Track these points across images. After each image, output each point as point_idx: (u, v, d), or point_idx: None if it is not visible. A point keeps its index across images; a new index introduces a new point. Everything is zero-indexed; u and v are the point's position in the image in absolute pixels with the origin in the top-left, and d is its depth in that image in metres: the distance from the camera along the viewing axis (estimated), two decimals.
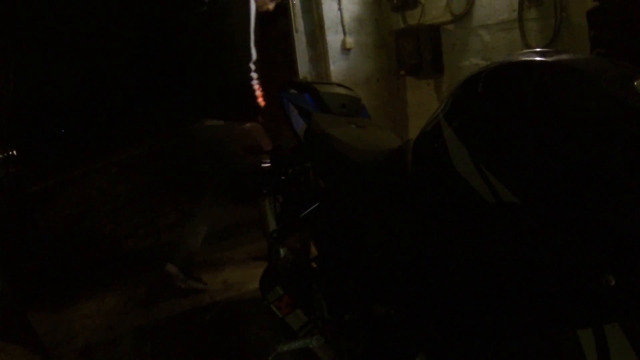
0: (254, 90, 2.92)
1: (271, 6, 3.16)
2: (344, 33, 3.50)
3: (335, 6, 3.52)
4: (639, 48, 2.32)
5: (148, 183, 6.08)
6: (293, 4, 3.64)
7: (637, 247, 0.78)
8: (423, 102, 3.87)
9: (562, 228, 0.84)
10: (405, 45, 3.68)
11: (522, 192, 0.89)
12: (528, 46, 3.35)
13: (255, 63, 2.91)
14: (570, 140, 0.85)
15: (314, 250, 2.02)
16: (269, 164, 2.15)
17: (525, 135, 0.90)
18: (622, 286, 0.78)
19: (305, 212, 1.73)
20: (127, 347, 2.80)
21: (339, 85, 2.02)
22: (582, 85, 0.90)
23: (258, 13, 2.94)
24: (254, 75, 2.91)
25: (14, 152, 4.46)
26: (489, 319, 0.98)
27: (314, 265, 1.95)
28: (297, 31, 3.62)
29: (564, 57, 0.99)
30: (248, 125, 3.07)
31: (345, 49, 3.51)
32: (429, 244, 1.10)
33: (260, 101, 2.99)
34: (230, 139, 3.10)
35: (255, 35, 2.90)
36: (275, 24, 4.29)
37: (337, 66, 3.49)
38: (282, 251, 2.00)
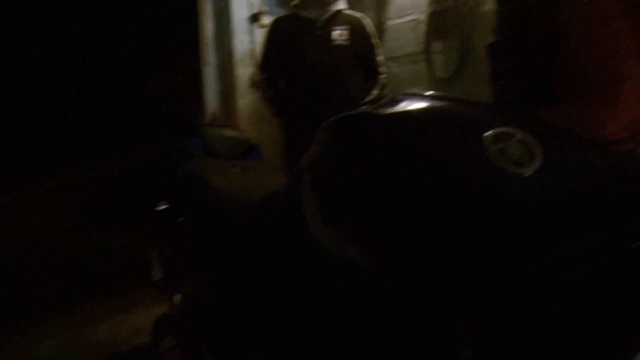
0: None
1: None
2: (254, 67, 3.46)
3: (247, 39, 3.50)
4: (534, 81, 2.41)
5: (60, 220, 5.72)
6: (205, 35, 3.59)
7: (491, 314, 0.72)
8: None
9: (412, 293, 0.78)
10: None
11: (370, 252, 0.84)
12: (433, 77, 3.44)
13: None
14: (407, 197, 0.82)
15: None
16: (166, 206, 2.04)
17: (366, 192, 0.86)
18: (479, 357, 0.72)
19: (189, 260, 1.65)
20: None
21: (232, 126, 1.97)
22: (422, 136, 0.87)
23: None
24: None
25: None
26: None
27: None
28: (208, 64, 3.56)
29: (423, 103, 0.97)
30: None
31: (254, 83, 3.45)
32: (285, 300, 1.04)
33: None
34: None
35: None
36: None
37: (245, 100, 3.42)
38: (175, 298, 1.90)
